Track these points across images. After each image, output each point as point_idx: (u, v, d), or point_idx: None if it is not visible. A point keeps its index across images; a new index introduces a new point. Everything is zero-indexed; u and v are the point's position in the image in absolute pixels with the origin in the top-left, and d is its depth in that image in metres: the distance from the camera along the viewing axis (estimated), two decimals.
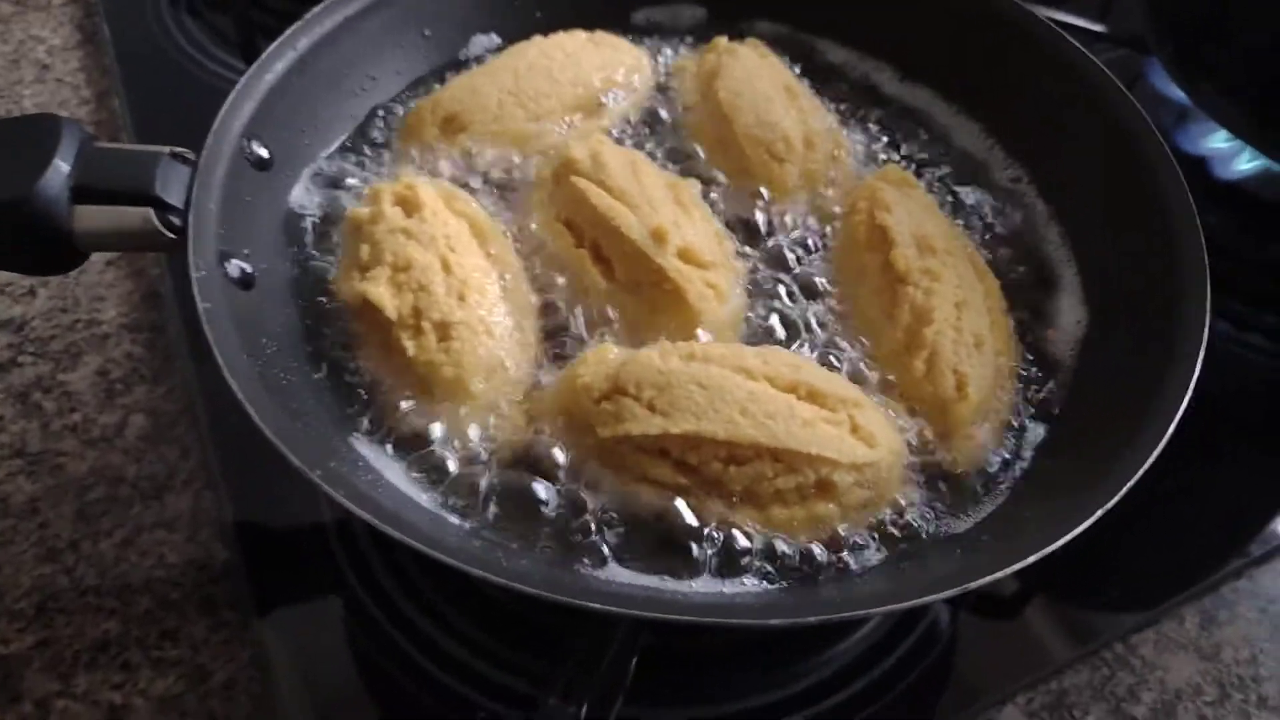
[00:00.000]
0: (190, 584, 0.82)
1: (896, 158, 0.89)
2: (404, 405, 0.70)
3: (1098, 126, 0.84)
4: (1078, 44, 0.88)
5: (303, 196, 0.82)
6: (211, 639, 0.79)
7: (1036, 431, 0.73)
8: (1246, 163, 1.01)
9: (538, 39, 0.90)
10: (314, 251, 0.79)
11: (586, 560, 0.65)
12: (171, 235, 0.69)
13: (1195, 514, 0.86)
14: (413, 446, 0.69)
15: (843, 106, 0.93)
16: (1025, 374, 0.76)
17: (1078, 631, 0.80)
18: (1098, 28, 1.09)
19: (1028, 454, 0.72)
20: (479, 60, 0.93)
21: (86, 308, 0.98)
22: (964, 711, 0.75)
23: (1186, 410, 0.64)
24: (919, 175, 0.87)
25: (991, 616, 0.79)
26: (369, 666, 0.75)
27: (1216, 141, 1.03)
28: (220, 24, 1.23)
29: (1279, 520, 0.87)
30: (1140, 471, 0.60)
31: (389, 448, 0.69)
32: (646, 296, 0.74)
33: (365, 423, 0.70)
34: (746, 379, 0.66)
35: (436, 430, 0.69)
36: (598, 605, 0.55)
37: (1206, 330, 0.67)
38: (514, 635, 0.75)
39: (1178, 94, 1.05)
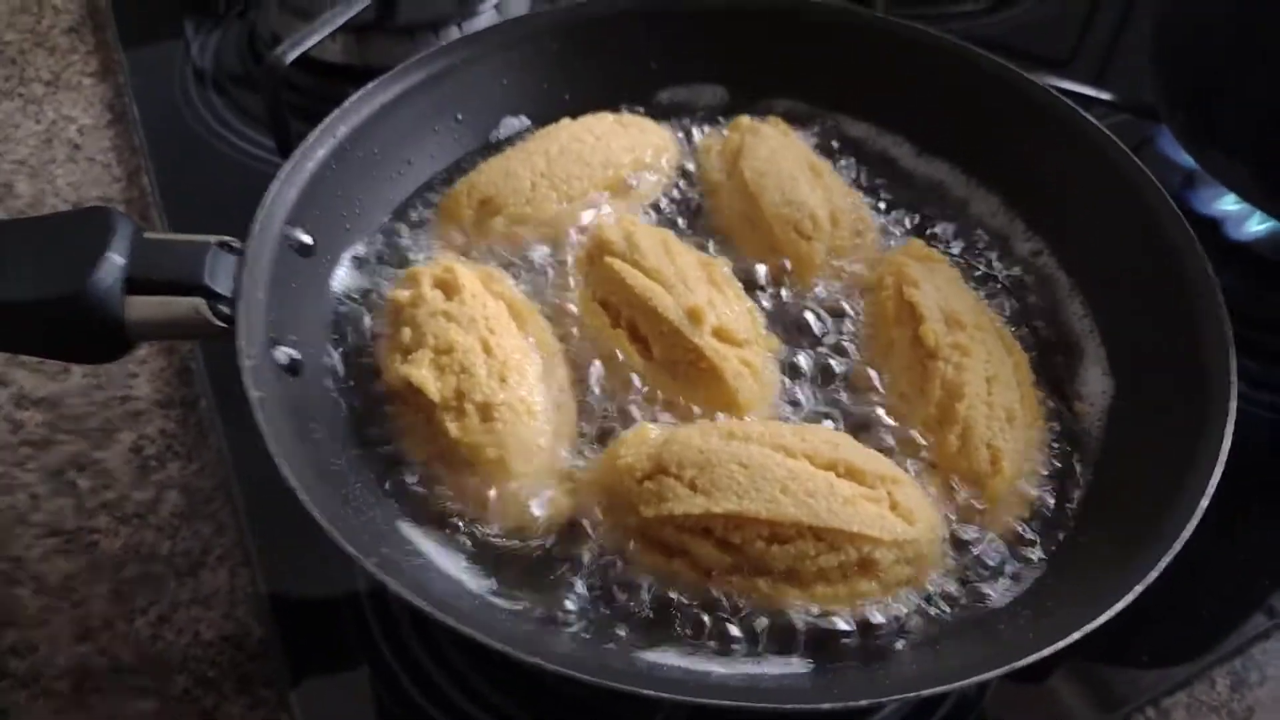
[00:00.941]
0: (227, 662, 0.82)
1: (918, 232, 0.91)
2: (448, 487, 0.71)
3: (1114, 199, 0.86)
4: (1090, 117, 0.90)
5: (344, 281, 0.84)
6: (248, 717, 0.79)
7: (1070, 502, 0.74)
8: (1258, 224, 1.03)
9: (567, 122, 0.93)
10: (357, 336, 0.81)
11: (632, 641, 0.65)
12: (221, 324, 0.70)
13: (1220, 574, 0.87)
14: (457, 529, 0.70)
15: (863, 181, 0.95)
16: (1054, 446, 0.77)
17: (1109, 696, 0.80)
18: (1106, 96, 1.12)
19: (1063, 525, 0.73)
20: (510, 141, 0.96)
21: (120, 384, 1.00)
22: None
23: None
24: (941, 249, 0.88)
25: (1021, 681, 0.80)
26: None
27: (1227, 204, 1.06)
28: (246, 102, 1.26)
29: None
30: (1177, 547, 0.61)
31: (435, 532, 0.70)
32: (683, 375, 0.76)
33: (410, 506, 0.71)
34: (786, 457, 0.67)
35: (480, 512, 0.70)
36: (650, 691, 0.55)
37: (1234, 404, 0.68)
38: (547, 709, 0.75)
39: (1187, 160, 1.08)
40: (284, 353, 0.73)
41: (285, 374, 0.72)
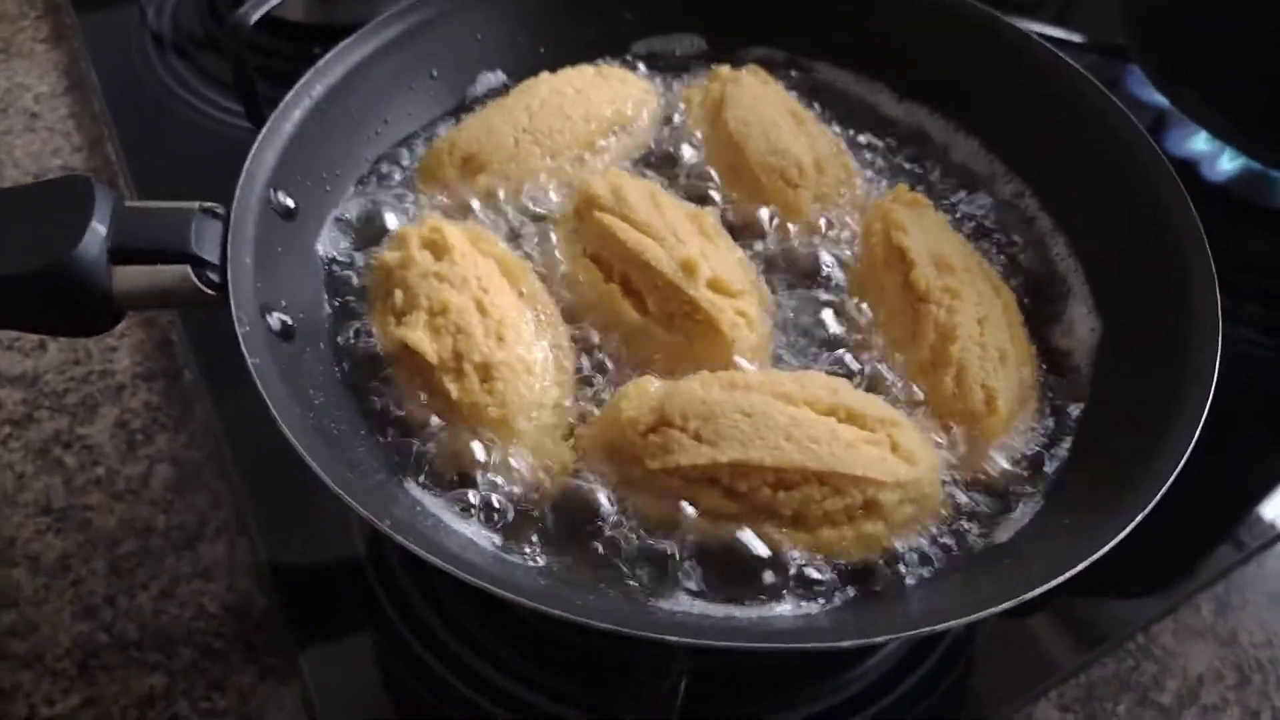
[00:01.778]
0: (232, 632, 0.82)
1: (901, 176, 0.92)
2: (450, 447, 0.71)
3: (1092, 139, 0.87)
4: (1066, 58, 0.91)
5: (328, 243, 0.83)
6: (258, 686, 0.79)
7: (1062, 439, 0.76)
8: (1229, 163, 1.05)
9: (546, 76, 0.92)
10: (346, 298, 0.80)
11: (646, 590, 0.66)
12: (210, 291, 0.69)
13: (1200, 502, 0.90)
14: (464, 487, 0.70)
15: (844, 127, 0.95)
16: (1045, 385, 0.79)
17: (1099, 627, 0.83)
18: (1076, 38, 1.12)
19: (1056, 461, 0.74)
20: (487, 98, 0.95)
21: (99, 359, 0.98)
22: (1001, 709, 0.78)
23: None
24: (924, 193, 0.89)
25: (1014, 616, 0.82)
26: (412, 698, 0.76)
27: (1198, 144, 1.07)
28: (208, 64, 1.23)
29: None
30: (1169, 481, 0.63)
31: (441, 490, 0.70)
32: (679, 327, 0.76)
33: (415, 467, 0.71)
34: (787, 404, 0.68)
35: (485, 470, 0.71)
36: (675, 638, 0.56)
37: (1220, 338, 0.70)
38: (553, 659, 0.77)
39: (1157, 99, 1.09)
40: (276, 318, 0.72)
41: (279, 340, 0.71)
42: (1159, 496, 0.62)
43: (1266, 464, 0.94)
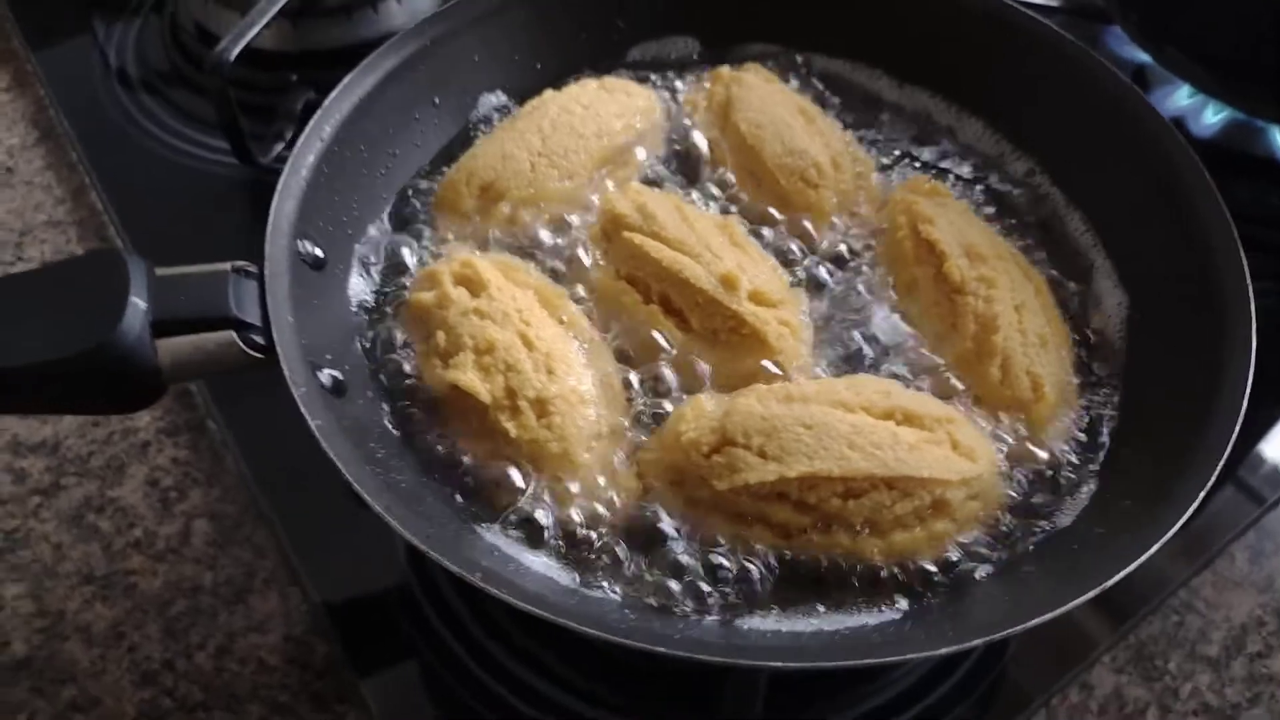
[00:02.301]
0: (296, 683, 0.82)
1: (912, 164, 0.93)
2: (515, 486, 0.71)
3: (1093, 109, 0.88)
4: (1057, 28, 0.92)
5: (359, 289, 0.82)
6: None
7: (1108, 416, 0.77)
8: (1214, 116, 1.07)
9: (551, 94, 0.91)
10: (385, 344, 0.79)
11: (727, 612, 0.67)
12: (258, 355, 0.68)
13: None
14: (534, 526, 0.71)
15: (849, 119, 0.96)
16: (1083, 361, 0.81)
17: (1142, 585, 0.85)
18: (1054, 2, 1.14)
19: (1106, 440, 0.76)
20: (490, 120, 0.94)
21: (118, 418, 0.96)
22: (1063, 675, 0.80)
23: None
24: (937, 179, 0.90)
25: None
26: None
27: (1181, 100, 1.09)
28: (179, 99, 1.20)
29: None
30: (1230, 445, 0.65)
31: (512, 531, 0.70)
32: (725, 342, 0.76)
33: (482, 510, 0.71)
34: (845, 412, 0.69)
35: (554, 506, 0.71)
36: (767, 663, 0.58)
37: (1251, 296, 0.72)
38: (617, 679, 0.78)
39: (1138, 56, 1.11)
40: (327, 374, 0.71)
41: (332, 396, 0.71)
42: (1218, 471, 0.63)
43: (1271, 414, 0.96)
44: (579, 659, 0.78)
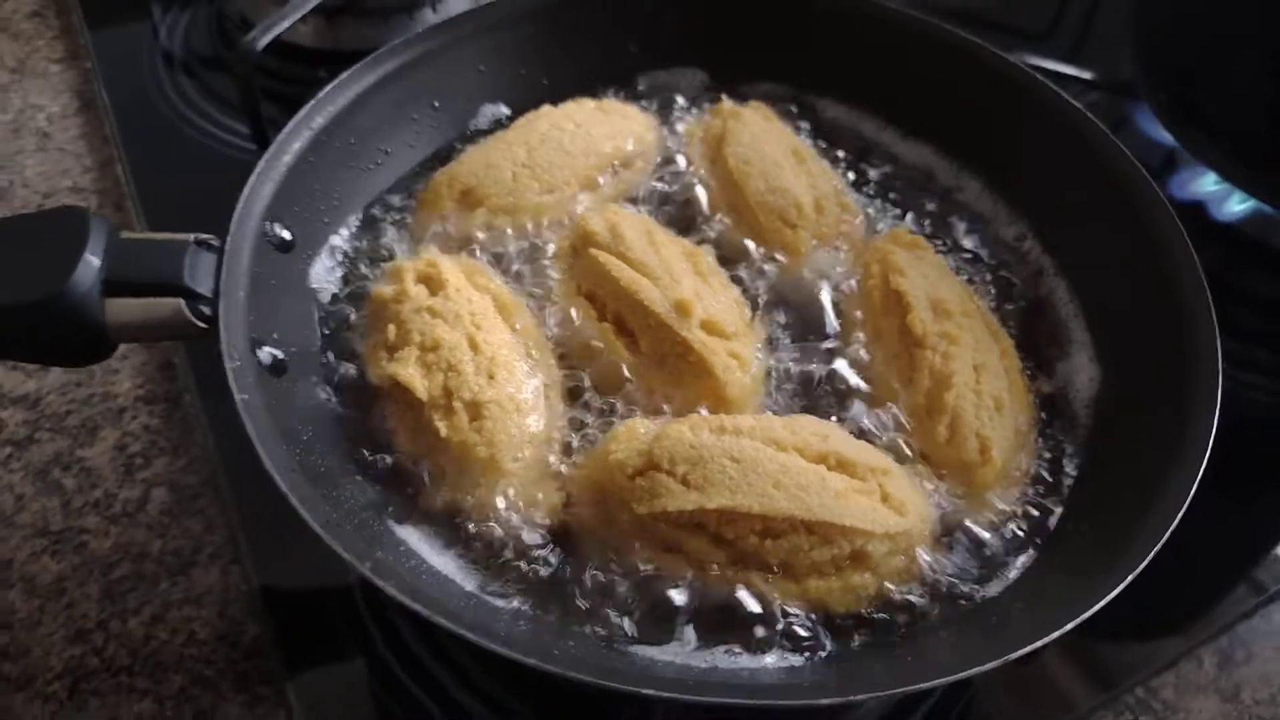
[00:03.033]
0: (223, 660, 0.82)
1: (902, 216, 0.91)
2: (438, 486, 0.71)
3: (1094, 182, 0.86)
4: (1069, 98, 0.90)
5: (324, 276, 0.83)
6: (247, 716, 0.79)
7: (1059, 488, 0.75)
8: (1238, 204, 1.04)
9: (547, 109, 0.92)
10: (340, 333, 0.80)
11: (629, 638, 0.66)
12: (202, 325, 0.70)
13: (1204, 553, 0.88)
14: (449, 528, 0.70)
15: (846, 164, 0.95)
16: (1044, 433, 0.78)
17: (1099, 677, 0.81)
18: (1085, 75, 1.12)
19: (1052, 512, 0.73)
20: (489, 130, 0.95)
21: (100, 381, 0.98)
22: None
23: None
24: (924, 233, 0.88)
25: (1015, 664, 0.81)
26: None
27: (1207, 185, 1.06)
28: (218, 85, 1.24)
29: None
30: (1166, 535, 0.62)
31: (426, 530, 0.70)
32: (671, 368, 0.75)
33: (402, 505, 0.71)
34: (777, 450, 0.68)
35: (472, 511, 0.70)
36: (648, 690, 0.56)
37: (1219, 394, 0.69)
38: (540, 697, 0.76)
39: (1165, 138, 1.08)
40: (268, 352, 0.72)
41: (270, 374, 0.71)
42: (1148, 559, 0.61)
43: (1271, 515, 0.92)
44: (507, 676, 0.77)
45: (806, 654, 0.65)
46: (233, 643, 0.83)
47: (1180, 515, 0.63)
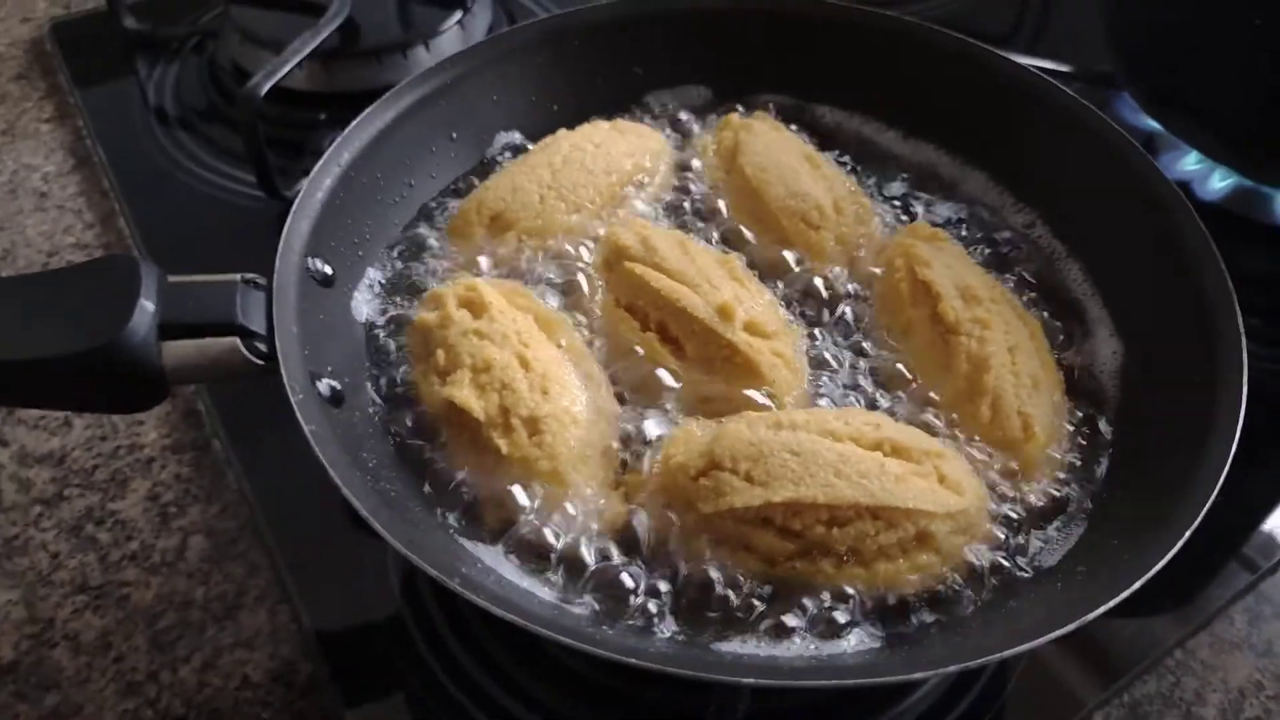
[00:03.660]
0: (279, 701, 0.81)
1: (916, 212, 0.94)
2: (504, 502, 0.72)
3: (1096, 164, 0.90)
4: (1062, 86, 0.94)
5: (365, 307, 0.84)
6: None
7: (1099, 460, 0.77)
8: (1220, 181, 1.09)
9: (565, 133, 0.94)
10: (389, 360, 0.81)
11: (708, 635, 0.67)
12: (260, 362, 0.70)
13: (1224, 516, 0.91)
14: (519, 541, 0.71)
15: (855, 167, 0.98)
16: (1077, 409, 0.81)
17: (1138, 644, 0.84)
18: (1065, 68, 1.16)
19: (1096, 484, 0.76)
20: (505, 157, 0.97)
21: (125, 433, 0.98)
22: None
23: None
24: (939, 227, 0.91)
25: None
26: None
27: (1189, 164, 1.11)
28: (212, 134, 1.25)
29: None
30: (1214, 493, 0.64)
31: (497, 546, 0.71)
32: (720, 371, 0.77)
33: (469, 523, 0.72)
34: (834, 441, 0.69)
35: (540, 523, 0.71)
36: (741, 679, 0.57)
37: (1244, 351, 0.72)
38: (608, 710, 0.76)
39: (1147, 122, 1.13)
40: (326, 384, 0.73)
41: (329, 405, 0.72)
42: (1201, 516, 0.63)
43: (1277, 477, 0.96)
44: (568, 690, 0.78)
45: (880, 635, 0.67)
46: (287, 683, 0.82)
47: (1224, 474, 0.66)
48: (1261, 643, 0.87)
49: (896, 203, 0.96)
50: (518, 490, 0.72)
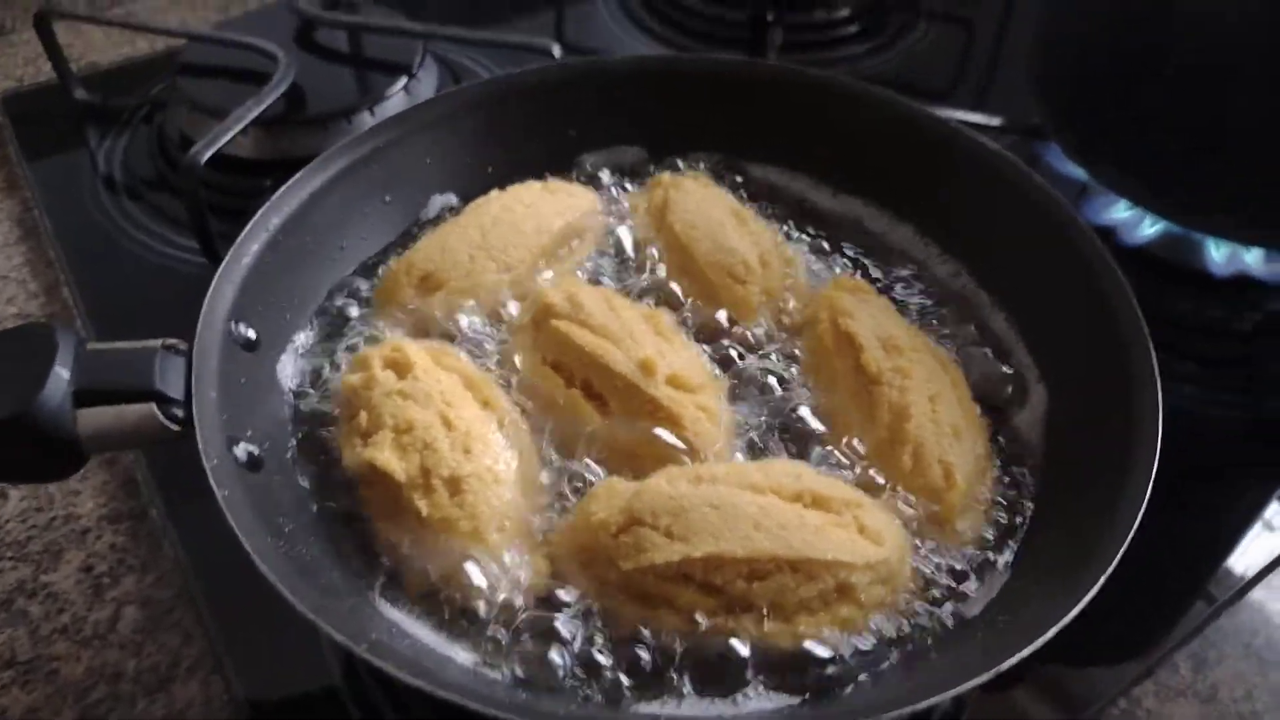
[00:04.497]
0: None
1: (841, 265, 0.95)
2: (423, 565, 0.71)
3: (1017, 215, 0.91)
4: (984, 139, 0.96)
5: (291, 371, 0.84)
6: None
7: (1023, 508, 0.78)
8: (1150, 228, 1.10)
9: (496, 193, 0.95)
10: (311, 424, 0.81)
11: (629, 696, 0.66)
12: (176, 427, 0.70)
13: (1164, 561, 0.91)
14: (438, 604, 0.71)
15: (782, 223, 0.99)
16: (1001, 457, 0.81)
17: (1081, 695, 0.83)
18: (995, 121, 1.19)
19: (1019, 531, 0.76)
20: (439, 219, 0.98)
21: (62, 503, 0.97)
22: None
23: None
24: (865, 279, 0.93)
25: (994, 690, 0.82)
26: None
27: (1119, 212, 1.13)
28: (160, 203, 1.25)
29: (1242, 557, 0.92)
30: (1130, 534, 0.65)
31: (416, 609, 0.70)
32: (642, 427, 0.77)
33: (389, 587, 0.71)
34: (754, 494, 0.69)
35: (460, 585, 0.71)
36: None
37: (1160, 396, 0.73)
38: None
39: (1076, 172, 1.15)
40: (244, 449, 0.72)
41: (247, 470, 0.72)
42: (1115, 563, 0.63)
43: (1219, 518, 0.96)
44: None
45: (798, 692, 0.66)
46: None
47: (1139, 517, 0.66)
48: (1206, 689, 0.86)
49: (824, 256, 0.97)
50: (438, 552, 0.71)
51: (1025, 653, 0.59)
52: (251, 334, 0.80)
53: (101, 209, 1.24)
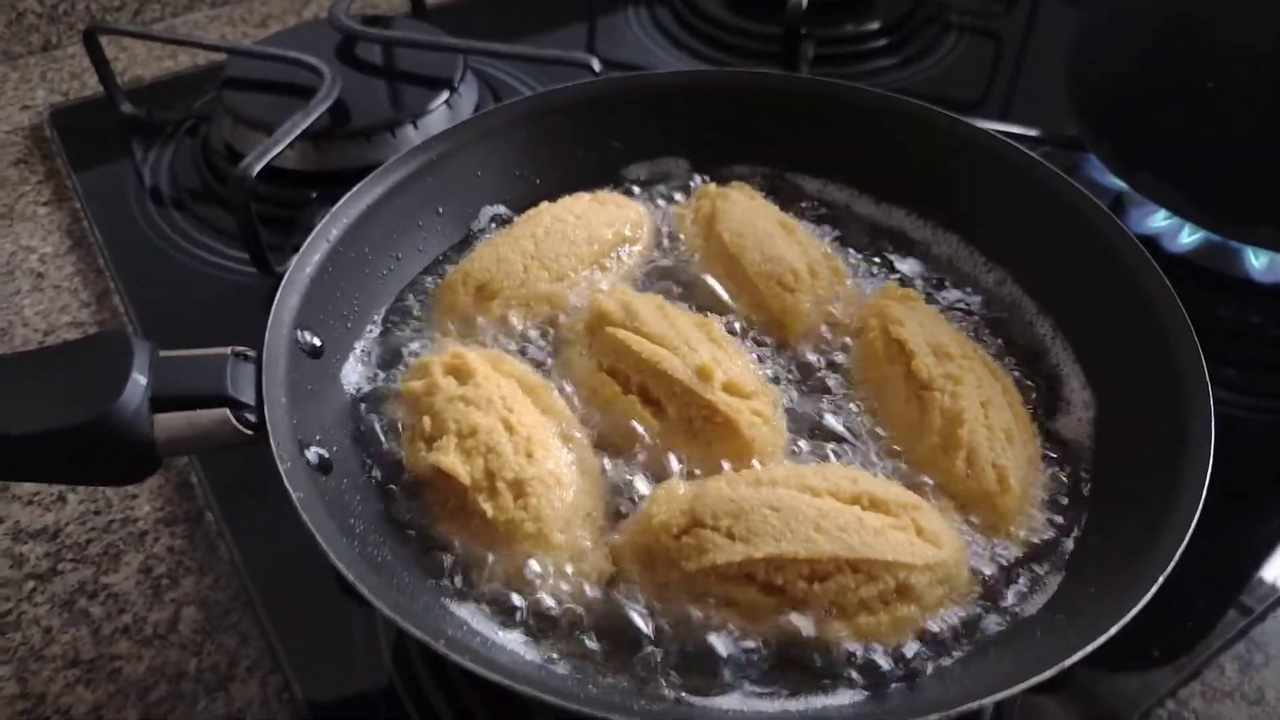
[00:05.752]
0: None
1: (887, 274, 0.97)
2: (489, 565, 0.73)
3: (1061, 224, 0.92)
4: (1025, 149, 0.97)
5: (354, 377, 0.86)
6: None
7: (1077, 511, 0.79)
8: (1189, 236, 1.12)
9: (547, 205, 0.97)
10: (376, 428, 0.83)
11: (694, 693, 0.68)
12: (249, 432, 0.72)
13: (1210, 564, 0.92)
14: (505, 605, 0.72)
15: (829, 233, 1.01)
16: (1052, 460, 0.82)
17: (1128, 697, 0.84)
18: (1033, 133, 1.20)
19: (1072, 533, 0.77)
20: (489, 230, 1.00)
21: (119, 507, 0.99)
22: None
23: None
24: (912, 287, 0.94)
25: (1041, 692, 0.83)
26: None
27: (1157, 221, 1.14)
28: (205, 213, 1.27)
29: None
30: (1185, 540, 0.66)
31: (484, 609, 0.72)
32: (699, 431, 0.79)
33: (458, 587, 0.73)
34: (813, 497, 0.71)
35: (526, 585, 0.72)
36: None
37: (1211, 401, 0.74)
38: None
39: (1114, 182, 1.16)
40: (314, 452, 0.74)
41: (317, 473, 0.73)
42: (1175, 560, 0.64)
43: (1266, 521, 0.97)
44: None
45: (865, 688, 0.68)
46: None
47: (1196, 519, 0.67)
48: (1253, 690, 0.87)
49: (872, 265, 0.98)
50: (503, 554, 0.73)
51: (1089, 649, 0.61)
52: (317, 341, 0.82)
53: (149, 219, 1.26)
